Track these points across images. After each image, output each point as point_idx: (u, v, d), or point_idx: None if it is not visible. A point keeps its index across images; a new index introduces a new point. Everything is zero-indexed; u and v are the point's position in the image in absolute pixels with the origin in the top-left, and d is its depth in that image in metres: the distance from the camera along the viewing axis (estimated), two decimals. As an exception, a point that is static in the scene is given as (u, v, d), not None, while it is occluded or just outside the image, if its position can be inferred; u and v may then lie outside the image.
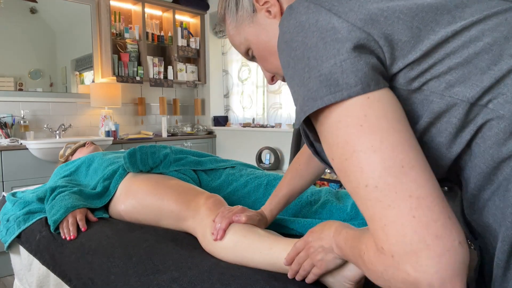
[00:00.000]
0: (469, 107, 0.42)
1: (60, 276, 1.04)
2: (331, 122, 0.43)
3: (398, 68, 0.44)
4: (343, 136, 0.42)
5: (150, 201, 1.12)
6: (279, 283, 0.73)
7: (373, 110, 0.41)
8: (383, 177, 0.39)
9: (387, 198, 0.38)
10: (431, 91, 0.44)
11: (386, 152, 0.39)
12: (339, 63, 0.42)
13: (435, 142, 0.46)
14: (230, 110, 4.02)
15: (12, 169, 2.48)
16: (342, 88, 0.41)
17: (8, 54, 2.79)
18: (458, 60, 0.43)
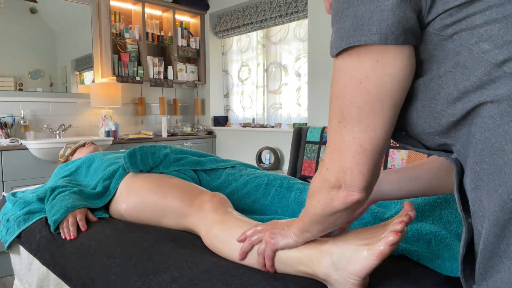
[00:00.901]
0: (493, 69, 0.41)
1: (60, 276, 1.04)
2: (341, 65, 0.49)
3: (436, 13, 0.44)
4: (342, 81, 0.49)
5: (152, 198, 1.12)
6: (280, 283, 0.73)
7: (371, 75, 0.46)
8: (351, 124, 0.50)
9: (347, 137, 0.51)
10: (461, 43, 0.43)
11: (363, 111, 0.48)
12: (372, 9, 0.44)
13: (444, 92, 0.46)
14: (230, 110, 4.02)
15: (12, 169, 2.48)
16: (363, 34, 0.45)
17: (8, 54, 2.80)
18: (497, 16, 0.41)
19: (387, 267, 0.81)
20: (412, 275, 0.79)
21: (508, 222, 0.44)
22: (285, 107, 3.45)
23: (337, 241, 0.71)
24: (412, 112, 0.51)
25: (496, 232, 0.45)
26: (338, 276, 0.68)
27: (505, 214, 0.44)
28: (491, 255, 0.46)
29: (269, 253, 0.76)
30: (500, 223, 0.44)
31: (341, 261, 0.67)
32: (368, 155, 0.51)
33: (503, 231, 0.44)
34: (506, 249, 0.44)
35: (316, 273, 0.72)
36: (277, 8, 3.25)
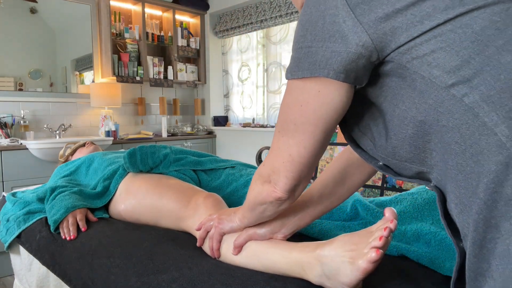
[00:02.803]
0: (444, 92, 0.45)
1: (60, 276, 1.04)
2: (288, 90, 0.57)
3: (390, 51, 0.48)
4: (286, 101, 0.57)
5: (149, 200, 1.12)
6: (279, 283, 0.73)
7: (312, 101, 0.53)
8: (287, 136, 0.58)
9: (281, 145, 0.60)
10: (414, 71, 0.47)
11: (298, 128, 0.56)
12: (324, 47, 0.49)
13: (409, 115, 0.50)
14: (230, 110, 4.02)
15: (12, 169, 2.48)
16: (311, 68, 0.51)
17: (8, 54, 2.80)
18: (441, 45, 0.45)
19: (387, 267, 0.81)
20: (411, 275, 0.79)
21: (484, 241, 0.45)
22: (285, 107, 3.44)
23: (325, 249, 0.71)
24: (389, 141, 0.54)
25: (476, 252, 0.46)
26: (331, 284, 0.69)
27: (479, 234, 0.45)
28: (476, 275, 0.47)
29: (216, 236, 0.85)
30: (477, 243, 0.46)
31: (331, 272, 0.68)
32: (294, 165, 0.59)
33: (481, 250, 0.45)
34: (488, 268, 0.45)
35: (309, 280, 0.73)
36: (277, 8, 3.25)
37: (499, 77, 0.42)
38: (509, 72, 0.42)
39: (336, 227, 1.01)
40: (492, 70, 0.43)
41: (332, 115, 0.54)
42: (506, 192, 0.43)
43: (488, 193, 0.44)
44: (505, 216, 0.43)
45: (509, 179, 0.42)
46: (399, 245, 0.89)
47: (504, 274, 0.43)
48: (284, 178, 0.61)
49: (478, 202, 0.45)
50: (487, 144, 0.43)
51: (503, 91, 0.42)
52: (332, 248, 0.70)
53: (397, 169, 0.58)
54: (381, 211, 1.03)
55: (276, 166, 0.61)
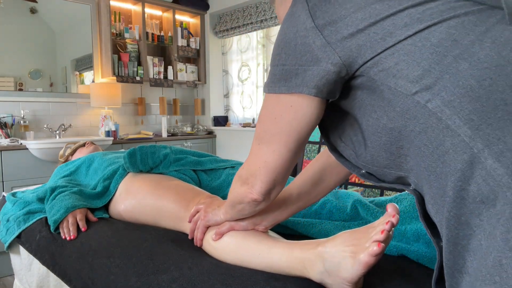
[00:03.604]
0: (409, 99, 0.49)
1: (60, 276, 1.04)
2: (265, 103, 0.62)
3: (358, 65, 0.52)
4: (263, 113, 0.63)
5: (149, 201, 1.12)
6: (279, 283, 0.73)
7: (285, 115, 0.59)
8: (263, 144, 0.64)
9: (258, 152, 0.65)
10: (382, 82, 0.51)
11: (273, 138, 0.62)
12: (297, 66, 0.55)
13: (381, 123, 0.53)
14: (230, 110, 4.02)
15: (12, 169, 2.48)
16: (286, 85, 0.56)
17: (8, 54, 2.80)
18: (403, 57, 0.49)
19: (387, 267, 0.81)
20: (412, 275, 0.79)
21: (457, 238, 0.47)
22: (285, 107, 3.44)
23: (326, 245, 0.72)
24: (367, 149, 0.57)
25: (450, 249, 0.48)
26: (332, 281, 0.69)
27: (451, 231, 0.48)
28: (453, 271, 0.49)
29: (201, 228, 0.91)
30: (451, 240, 0.48)
31: (332, 268, 0.68)
32: (269, 171, 0.65)
33: (456, 247, 0.47)
34: (464, 264, 0.47)
35: (310, 278, 0.74)
36: (277, 8, 3.24)
37: (458, 83, 0.46)
38: (466, 78, 0.46)
39: (336, 227, 1.01)
40: (451, 77, 0.46)
41: (304, 127, 0.59)
42: (472, 189, 0.45)
43: (455, 191, 0.46)
44: (474, 212, 0.45)
45: (474, 177, 0.45)
46: (399, 245, 0.89)
47: (478, 269, 0.44)
48: (260, 182, 0.67)
49: (448, 201, 0.47)
50: (452, 145, 0.46)
51: (462, 96, 0.45)
52: (334, 244, 0.70)
53: (379, 176, 0.61)
54: (381, 211, 1.03)
55: (253, 171, 0.67)
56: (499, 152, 0.43)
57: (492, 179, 0.44)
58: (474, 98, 0.45)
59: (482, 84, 0.45)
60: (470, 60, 0.46)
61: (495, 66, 0.45)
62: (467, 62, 0.46)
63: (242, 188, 0.71)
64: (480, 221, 0.45)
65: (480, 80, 0.45)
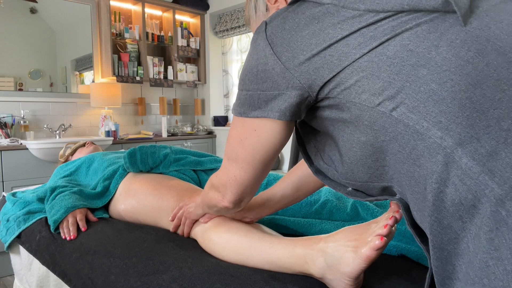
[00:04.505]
0: (374, 111, 0.50)
1: (60, 276, 1.04)
2: (233, 124, 0.66)
3: (319, 86, 0.53)
4: (231, 134, 0.67)
5: (150, 201, 1.12)
6: (279, 283, 0.73)
7: (250, 137, 0.62)
8: (233, 161, 0.68)
9: (228, 168, 0.69)
10: (347, 100, 0.52)
11: (240, 158, 0.66)
12: (258, 92, 0.58)
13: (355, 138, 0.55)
14: (230, 110, 4.02)
15: (12, 169, 2.48)
16: (250, 109, 0.60)
17: (8, 54, 2.80)
18: (362, 74, 0.50)
19: (387, 267, 0.81)
20: (412, 275, 0.79)
21: (442, 243, 0.46)
22: (285, 107, 3.44)
23: (328, 240, 0.72)
24: (346, 166, 0.59)
25: (437, 255, 0.48)
26: (332, 276, 0.69)
27: (435, 236, 0.47)
28: (443, 278, 0.48)
29: (188, 223, 0.98)
30: (436, 246, 0.47)
31: (333, 263, 0.68)
32: (238, 185, 0.69)
33: (442, 253, 0.47)
34: (453, 270, 0.46)
35: (311, 274, 0.73)
36: (277, 8, 3.24)
37: (420, 89, 0.47)
38: (427, 83, 0.46)
39: (336, 227, 1.01)
40: (411, 84, 0.47)
41: (269, 149, 0.63)
42: (450, 191, 0.45)
43: (434, 194, 0.46)
44: (455, 215, 0.45)
45: (451, 178, 0.44)
46: (399, 245, 0.89)
47: (468, 273, 0.43)
48: (230, 192, 0.72)
49: (428, 205, 0.47)
50: (425, 147, 0.47)
51: (426, 100, 0.46)
52: (336, 239, 0.71)
53: (365, 191, 0.61)
54: (381, 211, 1.03)
55: (224, 182, 0.72)
56: (473, 150, 0.43)
57: (469, 178, 0.43)
58: (438, 100, 0.46)
59: (444, 87, 0.46)
60: (428, 66, 0.47)
61: (455, 67, 0.46)
62: (425, 68, 0.47)
63: (215, 194, 0.76)
64: (463, 223, 0.44)
65: (441, 83, 0.46)
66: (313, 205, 1.15)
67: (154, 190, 1.13)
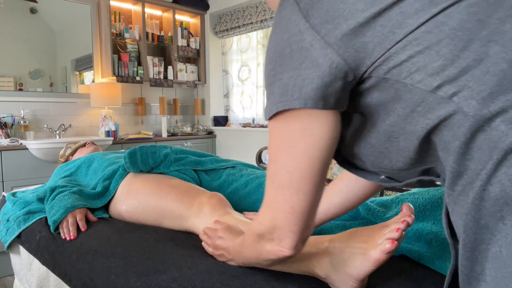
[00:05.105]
0: (429, 96, 0.42)
1: (60, 276, 1.04)
2: (272, 130, 0.51)
3: (366, 66, 0.45)
4: (275, 146, 0.52)
5: (151, 201, 1.12)
6: (279, 283, 0.73)
7: (300, 143, 0.49)
8: (283, 187, 0.52)
9: (279, 199, 0.53)
10: (395, 80, 0.44)
11: (293, 176, 0.50)
12: (295, 77, 0.46)
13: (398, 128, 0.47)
14: (230, 110, 4.02)
15: (12, 169, 2.48)
16: (287, 99, 0.47)
17: (8, 54, 2.79)
18: (418, 48, 0.42)
19: (388, 267, 0.81)
20: (412, 275, 0.79)
21: (475, 243, 0.43)
22: (285, 107, 3.44)
23: (335, 241, 0.71)
24: (387, 156, 0.51)
25: (467, 255, 0.44)
26: (337, 277, 0.68)
27: (469, 236, 0.43)
28: (469, 279, 0.44)
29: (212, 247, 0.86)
30: (468, 245, 0.43)
31: (339, 264, 0.67)
32: (299, 217, 0.53)
33: (473, 253, 0.43)
34: (482, 271, 0.42)
35: (316, 274, 0.73)
36: (277, 8, 3.24)
37: (488, 70, 0.39)
38: (498, 63, 0.39)
39: (337, 227, 1.00)
40: (480, 64, 0.40)
41: (325, 150, 0.49)
42: (494, 190, 0.40)
43: (475, 191, 0.42)
44: (495, 216, 0.41)
45: (498, 176, 0.40)
46: (400, 245, 0.89)
47: (496, 278, 0.41)
48: (291, 233, 0.55)
49: (466, 201, 0.43)
50: (483, 141, 0.41)
51: (495, 85, 0.39)
52: (343, 240, 0.69)
53: (400, 178, 0.55)
54: (382, 210, 1.03)
55: (277, 223, 0.55)
56: None
57: None
58: (508, 86, 0.39)
59: None
60: (502, 41, 0.39)
61: None
62: (498, 44, 0.39)
63: (268, 245, 0.59)
64: (503, 225, 0.40)
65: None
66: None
67: (155, 189, 1.13)
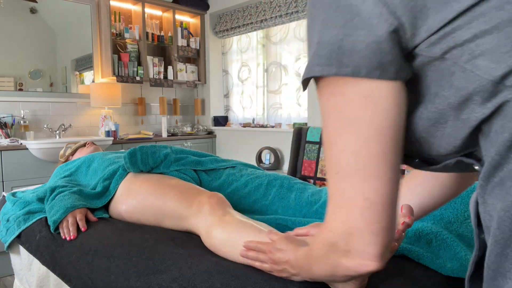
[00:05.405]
0: (492, 86, 0.36)
1: (60, 276, 1.04)
2: (326, 102, 0.42)
3: (422, 38, 0.38)
4: (332, 124, 0.42)
5: (151, 201, 1.12)
6: (279, 282, 0.73)
7: (365, 113, 0.40)
8: (351, 175, 0.42)
9: (348, 192, 0.43)
10: (454, 61, 0.37)
11: (362, 157, 0.41)
12: (341, 36, 0.38)
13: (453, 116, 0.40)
14: (230, 110, 4.02)
15: (12, 169, 2.48)
16: (335, 64, 0.39)
17: (8, 54, 2.79)
18: (485, 27, 0.35)
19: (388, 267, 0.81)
20: (412, 275, 0.79)
21: (508, 241, 0.39)
22: (285, 107, 3.45)
23: None
24: (427, 142, 0.45)
25: (498, 251, 0.40)
26: None
27: (503, 232, 0.40)
28: (495, 274, 0.41)
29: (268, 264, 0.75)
30: (500, 242, 0.40)
31: None
32: (378, 210, 0.42)
33: (504, 249, 0.40)
34: (510, 269, 0.39)
35: None
36: (277, 8, 3.25)
37: None
38: None
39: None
40: None
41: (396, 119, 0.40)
42: None
43: None
44: None
45: None
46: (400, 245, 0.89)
47: None
48: (372, 237, 0.43)
49: (508, 199, 0.39)
50: None
51: None
52: None
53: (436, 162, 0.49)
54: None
55: (353, 225, 0.43)
56: None
57: None
58: None
59: None
60: None
61: None
62: None
63: (345, 260, 0.47)
64: None
65: None
66: (313, 205, 1.15)
67: (156, 189, 1.13)
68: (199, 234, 0.98)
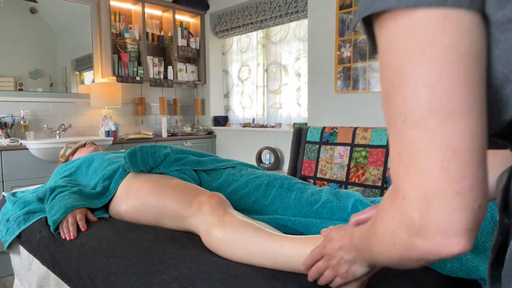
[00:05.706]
0: None
1: (60, 276, 1.04)
2: (391, 35, 0.34)
3: None
4: (399, 58, 0.34)
5: (151, 201, 1.12)
6: (279, 283, 0.73)
7: (443, 35, 0.32)
8: (425, 118, 0.33)
9: (422, 140, 0.33)
10: None
11: (439, 91, 0.32)
12: None
13: None
14: (230, 110, 4.02)
15: (12, 169, 2.48)
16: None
17: (8, 54, 2.79)
18: None
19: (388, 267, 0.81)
20: (412, 274, 0.79)
21: None
22: (285, 107, 3.45)
23: None
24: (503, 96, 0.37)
25: None
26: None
27: None
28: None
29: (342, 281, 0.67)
30: None
31: None
32: (465, 160, 0.32)
33: None
34: None
35: None
36: (277, 8, 3.25)
37: None
38: None
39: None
40: None
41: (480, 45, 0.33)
42: None
43: None
44: None
45: None
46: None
47: None
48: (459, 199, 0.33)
49: None
50: None
51: None
52: None
53: None
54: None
55: (431, 187, 0.33)
56: None
57: None
58: None
59: None
60: None
61: None
62: None
63: (420, 240, 0.36)
64: None
65: None
66: (313, 205, 1.15)
67: (156, 189, 1.13)
68: (199, 234, 0.98)
